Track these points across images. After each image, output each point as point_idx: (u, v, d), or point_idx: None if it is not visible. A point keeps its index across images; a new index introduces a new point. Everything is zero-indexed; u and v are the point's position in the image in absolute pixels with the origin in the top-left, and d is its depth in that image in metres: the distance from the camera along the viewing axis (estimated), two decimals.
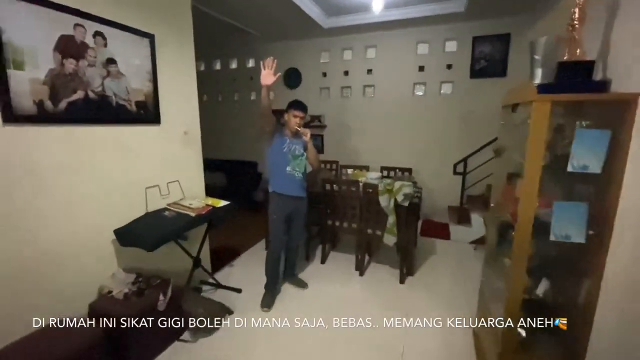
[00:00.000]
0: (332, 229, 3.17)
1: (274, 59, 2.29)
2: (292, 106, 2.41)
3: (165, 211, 2.30)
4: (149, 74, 2.21)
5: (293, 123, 2.40)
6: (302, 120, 2.44)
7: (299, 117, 2.41)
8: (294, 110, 2.40)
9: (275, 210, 2.49)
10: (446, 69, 4.18)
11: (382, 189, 2.69)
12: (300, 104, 2.43)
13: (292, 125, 2.41)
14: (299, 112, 2.40)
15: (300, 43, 4.85)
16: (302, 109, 2.41)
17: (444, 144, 4.32)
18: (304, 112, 2.43)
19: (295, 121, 2.40)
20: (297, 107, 2.40)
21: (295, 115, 2.40)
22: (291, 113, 2.41)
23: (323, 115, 4.89)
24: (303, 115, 2.42)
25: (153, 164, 2.31)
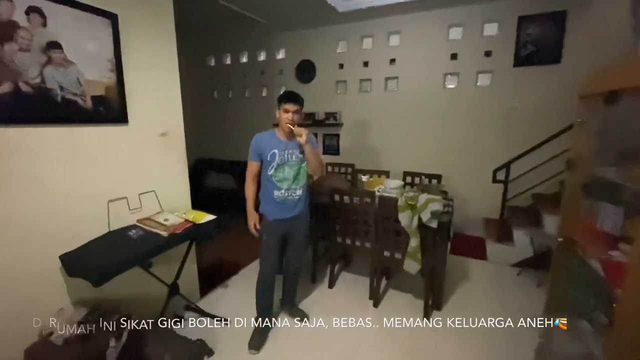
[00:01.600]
0: (342, 247, 2.66)
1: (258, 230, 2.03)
2: (282, 99, 1.92)
3: (131, 230, 1.89)
4: (111, 63, 1.80)
5: (284, 120, 1.90)
6: (297, 115, 1.93)
7: (292, 112, 1.90)
8: (284, 103, 1.90)
9: (266, 231, 2.01)
10: (484, 57, 3.52)
11: (402, 204, 2.14)
12: (293, 95, 1.93)
13: (284, 124, 1.91)
14: (290, 105, 1.89)
15: (314, 32, 4.34)
16: (295, 101, 1.91)
17: (480, 146, 3.66)
18: (298, 105, 1.93)
19: (287, 117, 1.90)
20: (286, 99, 1.90)
21: (286, 110, 1.90)
22: (281, 108, 1.91)
23: (339, 112, 4.37)
24: (297, 108, 1.92)
25: (118, 172, 1.91)
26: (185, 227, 1.98)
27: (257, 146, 1.95)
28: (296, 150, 1.97)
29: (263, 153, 1.94)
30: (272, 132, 1.99)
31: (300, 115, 1.98)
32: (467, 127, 3.70)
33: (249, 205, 2.02)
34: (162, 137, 2.14)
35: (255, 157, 1.97)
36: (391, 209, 2.22)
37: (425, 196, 2.12)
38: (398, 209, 2.15)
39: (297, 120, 1.93)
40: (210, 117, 5.48)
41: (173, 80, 2.20)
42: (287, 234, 2.07)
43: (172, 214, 2.12)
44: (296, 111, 1.91)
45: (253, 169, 2.00)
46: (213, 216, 2.18)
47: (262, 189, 2.03)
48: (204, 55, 5.29)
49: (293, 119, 1.91)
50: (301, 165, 1.99)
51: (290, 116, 1.90)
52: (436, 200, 2.07)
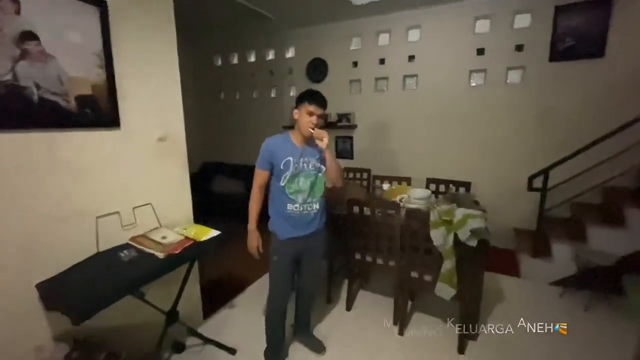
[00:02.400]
0: (361, 265, 2.37)
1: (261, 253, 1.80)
2: (306, 98, 1.64)
3: (123, 250, 1.63)
4: (99, 58, 1.55)
5: (307, 124, 1.63)
6: (321, 119, 1.66)
7: (316, 115, 1.63)
8: (309, 104, 1.62)
9: (277, 251, 1.74)
10: (515, 51, 3.20)
11: (435, 220, 1.84)
12: (318, 96, 1.65)
13: (306, 128, 1.63)
14: (315, 108, 1.62)
15: (326, 28, 4.07)
16: (320, 103, 1.64)
17: (510, 150, 3.34)
18: (323, 108, 1.66)
19: (309, 121, 1.62)
20: (312, 100, 1.62)
21: (310, 112, 1.62)
22: (304, 109, 1.63)
23: (352, 114, 4.08)
24: (321, 112, 1.65)
25: (109, 183, 1.65)
26: (184, 246, 1.71)
27: (268, 152, 1.68)
28: (313, 158, 1.69)
29: (275, 161, 1.67)
30: (285, 137, 1.72)
31: (323, 120, 1.71)
32: (495, 129, 3.38)
33: (252, 222, 1.75)
34: (160, 143, 1.89)
35: (264, 165, 1.70)
36: (421, 223, 1.92)
37: (462, 211, 1.82)
38: (430, 224, 1.86)
39: (319, 124, 1.66)
40: (216, 119, 5.25)
41: (173, 78, 1.94)
42: (301, 254, 1.79)
43: (171, 230, 1.86)
44: (321, 115, 1.65)
45: (261, 178, 1.73)
46: (217, 232, 1.92)
47: (272, 202, 1.76)
48: (210, 55, 5.06)
49: (317, 123, 1.63)
50: (318, 175, 1.71)
51: (315, 120, 1.62)
52: (477, 217, 1.77)
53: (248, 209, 1.76)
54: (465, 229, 1.76)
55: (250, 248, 1.76)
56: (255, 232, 1.75)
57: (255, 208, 1.75)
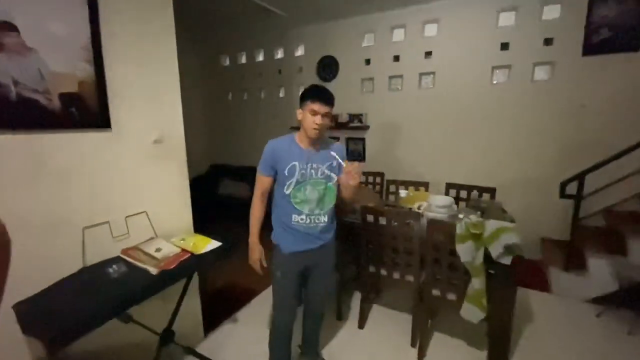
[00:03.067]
0: (374, 279, 2.16)
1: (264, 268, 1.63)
2: (309, 96, 1.44)
3: (112, 265, 1.47)
4: (87, 52, 1.40)
5: (310, 124, 1.44)
6: (327, 119, 1.47)
7: (320, 115, 1.43)
8: (312, 102, 1.42)
9: (280, 266, 1.56)
10: (543, 45, 2.94)
11: (462, 233, 1.63)
12: (322, 92, 1.45)
13: (310, 129, 1.44)
14: (319, 105, 1.42)
15: (338, 24, 3.88)
16: (325, 100, 1.43)
17: (537, 153, 3.08)
18: (330, 106, 1.46)
19: (313, 121, 1.43)
20: (316, 97, 1.42)
21: (314, 111, 1.42)
22: (307, 107, 1.44)
23: (365, 114, 3.88)
24: (328, 109, 1.45)
25: (98, 190, 1.50)
26: (180, 260, 1.55)
27: (271, 156, 1.50)
28: (322, 165, 1.50)
29: (279, 165, 1.49)
30: (290, 138, 1.53)
31: (331, 120, 1.51)
32: (520, 130, 3.12)
33: (253, 233, 1.58)
34: (156, 146, 1.73)
35: (267, 171, 1.52)
36: (445, 236, 1.71)
37: (494, 223, 1.60)
38: (456, 238, 1.64)
39: (326, 125, 1.47)
40: (224, 121, 5.11)
41: (171, 75, 1.80)
42: (307, 269, 1.60)
43: (167, 241, 1.70)
44: (326, 114, 1.44)
45: (263, 184, 1.55)
46: (217, 243, 1.74)
47: (275, 211, 1.58)
48: (217, 54, 4.94)
49: (323, 123, 1.44)
50: (328, 185, 1.52)
51: (320, 119, 1.42)
52: (510, 230, 1.54)
53: (250, 219, 1.59)
54: (497, 245, 1.54)
55: (252, 262, 1.59)
56: (257, 244, 1.58)
57: (257, 218, 1.57)
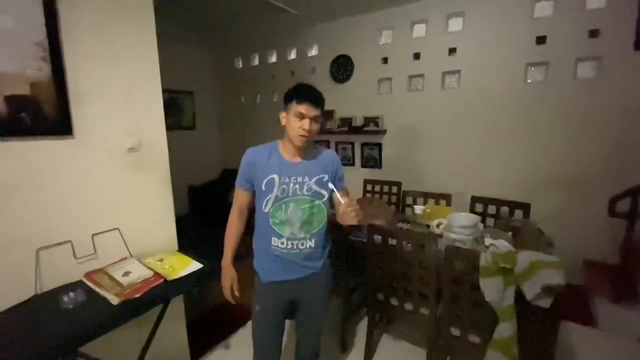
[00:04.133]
0: (384, 308, 1.86)
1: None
2: (294, 96, 1.18)
3: (68, 292, 1.27)
4: (42, 49, 1.22)
5: (296, 131, 1.18)
6: (317, 124, 1.21)
7: (309, 119, 1.17)
8: (297, 103, 1.17)
9: (260, 298, 1.32)
10: (588, 38, 2.53)
11: (487, 266, 1.31)
12: (309, 91, 1.19)
13: (296, 136, 1.18)
14: (307, 107, 1.16)
15: (353, 21, 3.61)
16: (314, 101, 1.17)
17: (578, 163, 2.65)
18: (318, 107, 1.18)
19: (299, 127, 1.17)
20: (302, 97, 1.16)
21: (300, 115, 1.16)
22: (292, 110, 1.18)
23: (381, 117, 3.57)
24: (317, 113, 1.18)
25: (56, 206, 1.31)
26: (150, 287, 1.33)
27: (247, 167, 1.27)
28: (309, 179, 1.24)
29: (256, 179, 1.24)
30: (271, 147, 1.29)
31: (320, 125, 1.25)
32: (558, 137, 2.70)
33: (226, 254, 1.35)
34: (131, 154, 1.53)
35: (243, 184, 1.29)
36: (467, 266, 1.39)
37: (529, 256, 1.26)
38: (480, 271, 1.32)
39: (315, 131, 1.20)
40: (237, 124, 4.97)
41: (150, 72, 1.59)
42: (294, 301, 1.34)
43: (141, 262, 1.49)
44: (316, 118, 1.18)
45: (240, 199, 1.33)
46: (198, 265, 1.53)
47: (255, 232, 1.34)
48: (231, 57, 4.81)
49: (311, 129, 1.18)
50: (315, 203, 1.25)
51: (307, 125, 1.16)
52: (551, 266, 1.21)
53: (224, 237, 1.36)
54: (533, 283, 1.21)
55: (224, 289, 1.35)
56: (229, 268, 1.34)
57: (231, 236, 1.35)
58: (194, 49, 4.71)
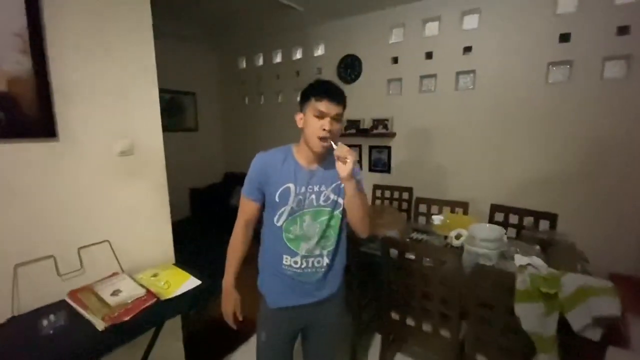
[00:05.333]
0: (398, 328, 1.70)
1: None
2: (312, 93, 1.03)
3: (49, 315, 1.13)
4: (22, 40, 1.08)
5: (316, 132, 1.02)
6: (339, 124, 1.05)
7: (330, 118, 1.01)
8: (317, 100, 1.01)
9: (265, 325, 1.16)
10: (616, 36, 2.36)
11: (526, 289, 1.14)
12: (330, 88, 1.03)
13: (314, 138, 1.02)
14: (328, 105, 1.00)
15: (361, 19, 3.46)
16: (335, 98, 1.02)
17: (605, 170, 2.47)
18: (340, 105, 1.03)
19: (320, 127, 1.01)
20: (322, 94, 1.01)
21: (321, 114, 1.01)
22: (310, 109, 1.03)
23: (391, 119, 3.42)
24: (339, 111, 1.02)
25: (38, 216, 1.17)
26: (141, 308, 1.18)
27: (258, 174, 1.11)
28: (327, 187, 1.08)
29: (268, 188, 1.09)
30: (285, 151, 1.13)
31: (342, 124, 1.09)
32: (583, 141, 2.53)
33: (229, 274, 1.18)
34: (123, 158, 1.39)
35: (252, 193, 1.13)
36: (497, 289, 1.23)
37: (576, 279, 1.10)
38: (516, 294, 1.16)
39: (337, 132, 1.05)
40: (240, 126, 4.84)
41: (146, 68, 1.44)
42: (304, 329, 1.18)
43: (133, 278, 1.34)
44: (336, 117, 1.02)
45: (248, 211, 1.16)
46: (197, 281, 1.38)
47: (262, 249, 1.18)
48: (234, 57, 4.69)
49: (333, 129, 1.02)
50: (334, 214, 1.10)
51: (328, 125, 1.00)
52: (604, 292, 1.04)
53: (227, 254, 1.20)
54: (582, 312, 1.04)
55: (224, 314, 1.19)
56: (231, 291, 1.18)
57: (236, 254, 1.18)
58: (197, 49, 4.60)
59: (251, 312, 1.25)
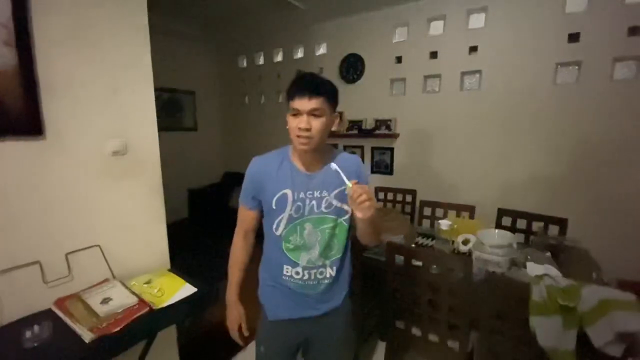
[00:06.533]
0: (404, 338, 1.63)
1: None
2: (288, 91, 0.94)
3: (33, 325, 1.05)
4: (6, 30, 1.01)
5: (294, 130, 0.93)
6: (321, 119, 0.92)
7: (305, 115, 0.90)
8: (290, 98, 0.92)
9: (264, 339, 1.10)
10: (627, 36, 2.30)
11: (542, 302, 1.07)
12: (301, 82, 0.92)
13: (294, 137, 0.94)
14: (300, 100, 0.89)
15: (364, 17, 3.40)
16: (305, 93, 0.89)
17: (615, 174, 2.41)
18: (313, 96, 0.89)
19: (295, 127, 0.92)
20: (293, 91, 0.91)
21: (294, 111, 0.92)
22: (290, 106, 0.94)
23: (394, 120, 3.35)
24: (313, 106, 0.89)
25: (21, 219, 1.10)
26: (132, 318, 1.11)
27: (253, 181, 1.03)
28: (329, 193, 1.00)
29: (264, 195, 1.01)
30: (282, 154, 1.04)
31: (329, 120, 0.95)
32: (591, 144, 2.46)
33: (232, 286, 1.11)
34: (116, 158, 1.31)
35: (248, 202, 1.06)
36: (511, 300, 1.16)
37: (597, 291, 1.03)
38: (531, 306, 1.09)
39: (319, 130, 0.92)
40: (240, 125, 4.76)
41: (141, 65, 1.37)
42: (306, 343, 1.11)
43: (124, 285, 1.27)
44: (315, 111, 0.90)
45: (246, 219, 1.09)
46: (193, 289, 1.31)
47: (263, 259, 1.11)
48: (235, 56, 4.62)
49: (308, 127, 0.90)
50: (338, 222, 1.02)
51: (304, 123, 0.89)
52: (628, 306, 0.97)
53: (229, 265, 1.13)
54: (603, 327, 0.97)
55: (230, 330, 1.12)
56: (236, 305, 1.11)
57: (237, 266, 1.11)
58: (196, 47, 4.52)
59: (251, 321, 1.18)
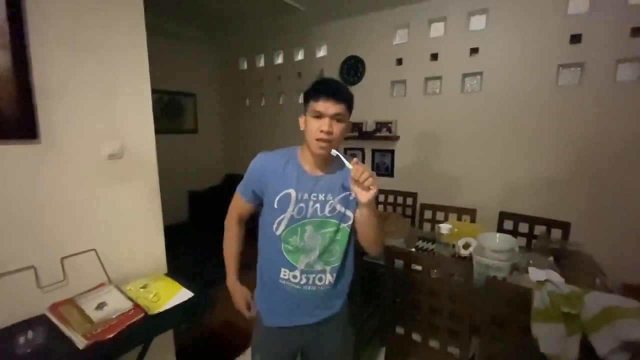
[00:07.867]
0: (403, 344, 1.61)
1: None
2: (311, 92, 0.94)
3: (27, 330, 1.04)
4: (1, 33, 1.00)
5: (314, 133, 0.92)
6: (341, 125, 0.93)
7: (328, 118, 0.90)
8: (314, 100, 0.92)
9: (260, 345, 1.08)
10: (629, 38, 2.27)
11: (544, 309, 1.05)
12: (329, 85, 0.93)
13: (313, 141, 0.93)
14: (325, 103, 0.90)
15: (365, 19, 3.39)
16: (335, 95, 0.90)
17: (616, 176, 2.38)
18: (341, 103, 0.91)
19: (317, 128, 0.91)
20: (320, 92, 0.91)
21: (317, 114, 0.91)
22: (310, 107, 0.93)
23: (394, 122, 3.33)
24: (340, 110, 0.91)
25: (15, 223, 1.08)
26: (127, 324, 1.09)
27: (257, 175, 1.02)
28: (334, 197, 0.98)
29: (266, 192, 1.00)
30: (289, 154, 1.03)
31: (347, 126, 0.96)
32: (595, 146, 2.44)
33: (230, 272, 1.14)
34: (113, 161, 1.30)
35: (247, 195, 1.06)
36: (512, 306, 1.14)
37: (600, 298, 1.00)
38: (532, 313, 1.07)
39: (339, 134, 0.93)
40: (241, 128, 4.76)
41: (137, 64, 1.36)
42: (303, 349, 1.09)
43: (120, 290, 1.25)
44: (338, 116, 0.91)
45: (239, 207, 1.10)
46: (189, 293, 1.29)
47: (259, 259, 1.09)
48: (236, 58, 4.62)
49: (330, 130, 0.90)
50: (340, 227, 1.00)
51: (327, 126, 0.90)
52: (634, 314, 0.95)
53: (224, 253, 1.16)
54: (608, 335, 0.95)
55: (237, 306, 1.14)
56: (237, 286, 1.14)
57: (233, 250, 1.13)
58: (197, 49, 4.53)
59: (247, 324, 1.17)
